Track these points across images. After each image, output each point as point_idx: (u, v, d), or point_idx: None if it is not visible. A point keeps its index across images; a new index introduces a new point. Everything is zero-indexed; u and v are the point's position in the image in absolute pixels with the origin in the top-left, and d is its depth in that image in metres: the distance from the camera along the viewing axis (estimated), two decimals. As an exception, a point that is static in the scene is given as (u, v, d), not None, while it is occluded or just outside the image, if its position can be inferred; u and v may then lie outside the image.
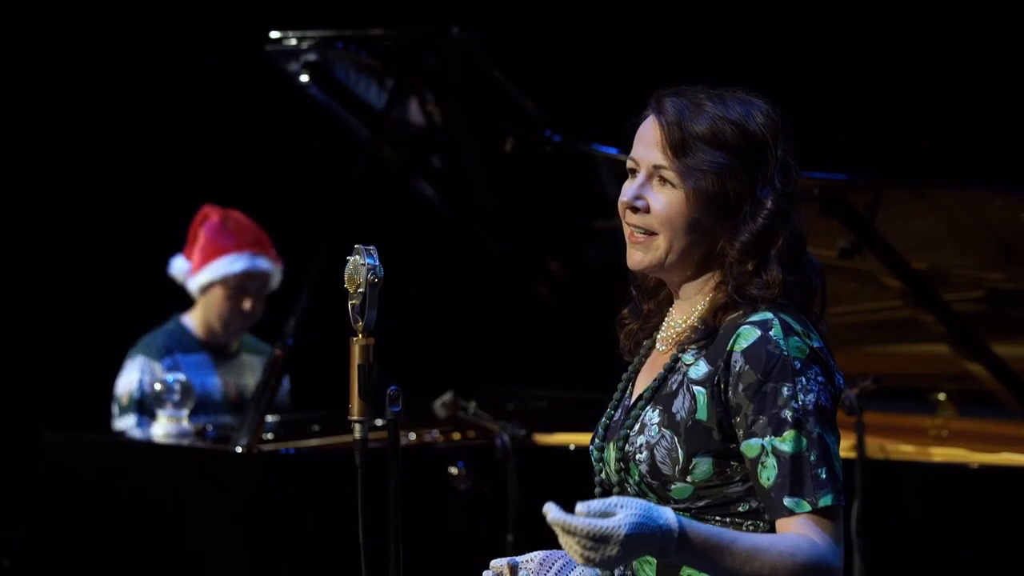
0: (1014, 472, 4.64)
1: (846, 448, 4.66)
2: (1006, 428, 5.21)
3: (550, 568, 2.56)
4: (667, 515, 2.30)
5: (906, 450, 4.89)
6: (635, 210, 2.54)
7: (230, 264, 5.18)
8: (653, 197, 2.53)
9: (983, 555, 4.51)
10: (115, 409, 5.15)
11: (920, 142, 6.38)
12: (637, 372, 2.66)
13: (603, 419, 2.65)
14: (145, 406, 5.06)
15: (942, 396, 5.31)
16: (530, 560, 2.58)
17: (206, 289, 5.21)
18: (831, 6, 6.52)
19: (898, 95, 6.43)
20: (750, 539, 2.38)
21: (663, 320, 2.64)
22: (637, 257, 2.56)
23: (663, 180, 2.53)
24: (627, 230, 2.57)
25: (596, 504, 2.27)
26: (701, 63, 6.44)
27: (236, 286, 5.19)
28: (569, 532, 2.25)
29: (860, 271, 4.94)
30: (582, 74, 6.68)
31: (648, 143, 2.55)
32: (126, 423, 5.09)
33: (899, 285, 4.94)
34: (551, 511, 2.27)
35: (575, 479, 2.73)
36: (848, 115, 6.47)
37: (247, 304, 5.22)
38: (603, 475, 2.60)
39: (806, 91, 6.42)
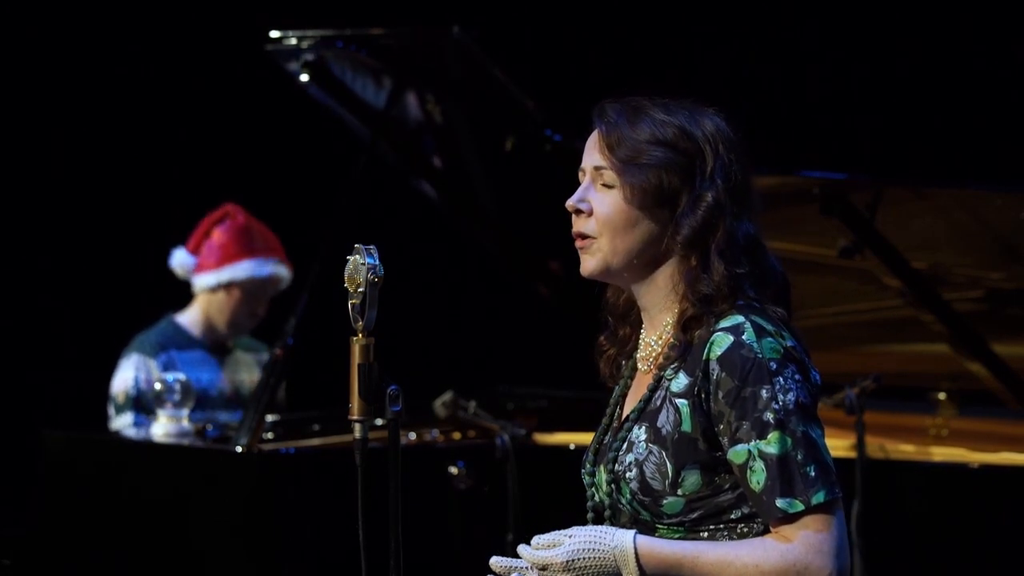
0: (1014, 472, 4.64)
1: (846, 448, 4.67)
2: (1006, 427, 5.21)
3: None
4: (621, 537, 2.43)
5: (906, 450, 4.89)
6: (579, 212, 2.59)
7: (258, 267, 5.17)
8: (596, 199, 2.58)
9: (983, 555, 4.51)
10: (111, 409, 5.13)
11: (920, 142, 6.38)
12: (624, 396, 2.67)
13: (592, 444, 2.67)
14: (142, 403, 5.05)
15: (942, 395, 5.31)
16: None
17: (222, 287, 5.17)
18: (831, 6, 6.52)
19: (898, 95, 6.43)
20: (715, 552, 2.42)
21: (637, 347, 2.66)
22: (586, 264, 2.60)
23: (605, 181, 2.57)
24: (575, 239, 2.61)
25: (546, 537, 2.47)
26: (701, 63, 6.44)
27: (257, 290, 5.18)
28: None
29: (860, 270, 4.94)
30: (582, 74, 6.67)
31: (591, 149, 2.61)
32: (123, 422, 5.07)
33: (899, 284, 4.94)
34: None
35: (575, 479, 2.73)
36: (848, 115, 6.47)
37: (261, 308, 5.22)
38: (595, 499, 2.62)
39: (807, 91, 6.42)
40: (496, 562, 2.55)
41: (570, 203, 2.61)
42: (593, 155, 2.60)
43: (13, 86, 6.46)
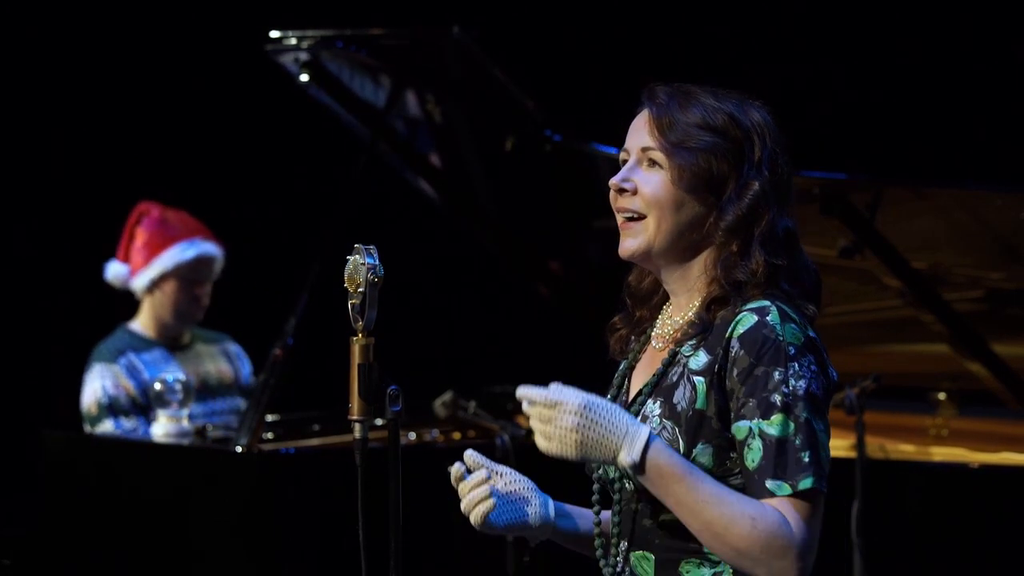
0: (1014, 472, 4.64)
1: (846, 448, 4.67)
2: (1006, 428, 5.21)
3: (511, 492, 2.58)
4: (641, 425, 2.37)
5: (906, 450, 4.90)
6: (622, 191, 2.57)
7: (182, 252, 5.15)
8: (641, 179, 2.56)
9: (983, 555, 4.51)
10: (86, 426, 5.08)
11: (920, 142, 6.38)
12: (632, 369, 2.67)
13: None
14: (117, 408, 5.04)
15: (942, 396, 5.31)
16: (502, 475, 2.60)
17: (157, 284, 5.16)
18: (831, 6, 6.52)
19: (898, 95, 6.43)
20: (719, 486, 2.39)
21: (654, 324, 2.65)
22: (628, 244, 2.58)
23: (652, 162, 2.56)
24: (618, 219, 2.59)
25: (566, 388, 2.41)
26: (701, 62, 6.44)
27: (190, 274, 5.16)
28: (531, 402, 2.39)
29: (860, 271, 4.94)
30: (582, 74, 6.68)
31: (639, 130, 2.59)
32: (103, 430, 5.04)
33: (899, 285, 4.94)
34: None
35: (575, 478, 2.73)
36: (848, 115, 6.47)
37: (202, 291, 5.19)
38: (601, 471, 2.61)
39: (807, 91, 6.42)
40: (469, 455, 2.58)
41: (615, 181, 2.58)
42: (641, 136, 2.58)
43: (12, 87, 6.46)
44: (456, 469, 2.57)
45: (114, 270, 5.23)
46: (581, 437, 2.37)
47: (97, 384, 5.06)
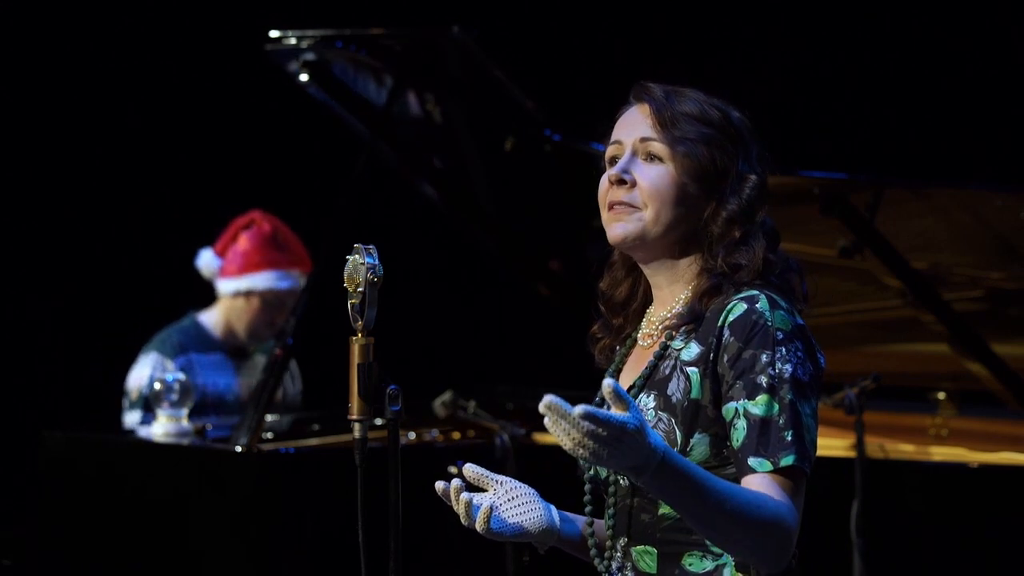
0: (1014, 472, 4.64)
1: (846, 448, 4.66)
2: (1006, 427, 5.21)
3: (513, 499, 2.57)
4: (658, 439, 2.29)
5: (906, 449, 4.89)
6: (622, 183, 2.57)
7: (279, 280, 5.19)
8: (640, 172, 2.57)
9: (983, 555, 4.51)
10: (125, 402, 5.16)
11: (920, 142, 6.38)
12: (619, 370, 2.68)
13: None
14: (151, 404, 5.07)
15: (942, 395, 5.31)
16: (498, 485, 2.59)
17: (241, 295, 5.19)
18: (831, 6, 6.52)
19: (898, 95, 6.43)
20: (723, 484, 2.38)
21: (638, 327, 2.66)
22: (618, 229, 2.58)
23: (650, 154, 2.57)
24: (604, 212, 2.59)
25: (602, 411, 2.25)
26: (701, 62, 6.44)
27: (276, 301, 5.20)
28: (563, 417, 2.26)
29: (860, 271, 4.94)
30: (582, 74, 6.68)
31: (634, 123, 2.60)
32: (132, 418, 5.10)
33: (899, 285, 4.94)
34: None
35: (575, 478, 2.73)
36: (848, 115, 6.47)
37: (280, 318, 5.22)
38: (592, 471, 2.62)
39: (806, 91, 6.42)
40: (469, 468, 2.58)
41: (614, 172, 2.58)
42: (639, 128, 2.59)
43: (17, 86, 6.46)
44: (443, 489, 2.56)
45: (206, 259, 5.26)
46: (610, 453, 2.26)
47: (147, 373, 5.12)
